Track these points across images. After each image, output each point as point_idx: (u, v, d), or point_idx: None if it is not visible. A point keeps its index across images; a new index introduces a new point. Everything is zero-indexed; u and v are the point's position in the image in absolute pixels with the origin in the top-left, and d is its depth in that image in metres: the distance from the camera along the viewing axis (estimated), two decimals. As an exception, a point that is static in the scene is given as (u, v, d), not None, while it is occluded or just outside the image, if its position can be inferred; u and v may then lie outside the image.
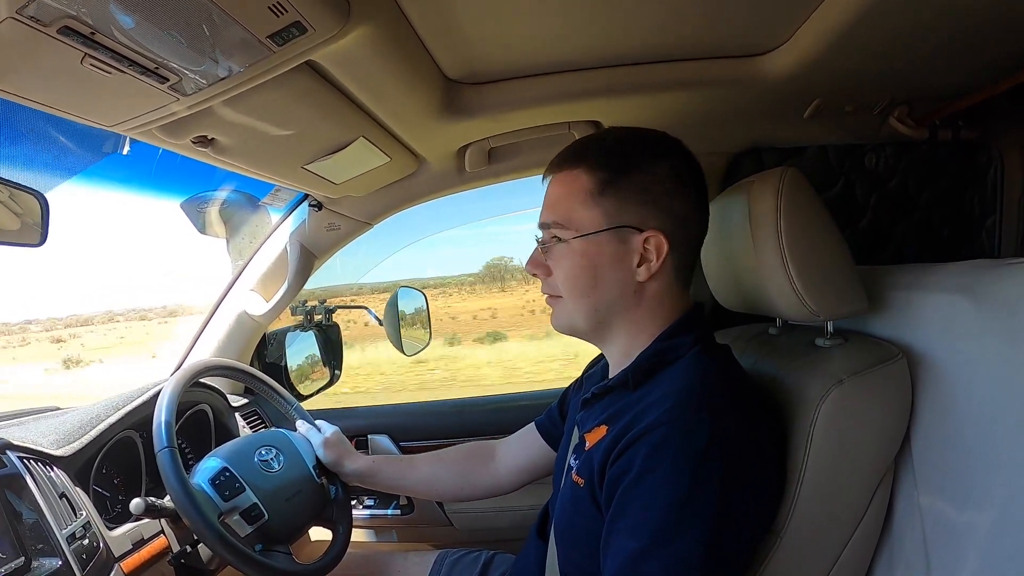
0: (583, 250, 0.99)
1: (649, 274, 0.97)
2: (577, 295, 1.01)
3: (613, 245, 0.98)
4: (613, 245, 0.98)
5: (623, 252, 0.98)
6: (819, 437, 0.97)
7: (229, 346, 1.87)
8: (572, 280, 1.01)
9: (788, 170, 1.06)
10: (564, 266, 1.01)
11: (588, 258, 0.99)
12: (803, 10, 1.09)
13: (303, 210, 1.81)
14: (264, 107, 1.05)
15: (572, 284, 1.01)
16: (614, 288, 0.99)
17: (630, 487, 0.86)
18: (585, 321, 1.03)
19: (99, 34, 0.71)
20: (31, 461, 1.17)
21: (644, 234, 0.96)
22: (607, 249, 0.98)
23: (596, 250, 0.98)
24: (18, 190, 1.13)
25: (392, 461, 1.53)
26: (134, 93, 0.87)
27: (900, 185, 1.82)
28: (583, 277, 1.00)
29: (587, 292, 1.00)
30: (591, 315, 1.02)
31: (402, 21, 0.99)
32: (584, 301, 1.01)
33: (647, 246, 0.97)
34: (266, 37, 0.80)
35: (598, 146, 1.03)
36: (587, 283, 1.00)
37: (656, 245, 0.96)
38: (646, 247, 0.97)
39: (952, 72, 1.36)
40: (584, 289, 1.00)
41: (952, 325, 0.98)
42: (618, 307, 1.01)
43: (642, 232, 0.96)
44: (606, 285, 0.99)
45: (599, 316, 1.02)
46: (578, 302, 1.01)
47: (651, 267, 0.97)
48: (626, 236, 0.97)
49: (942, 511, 0.95)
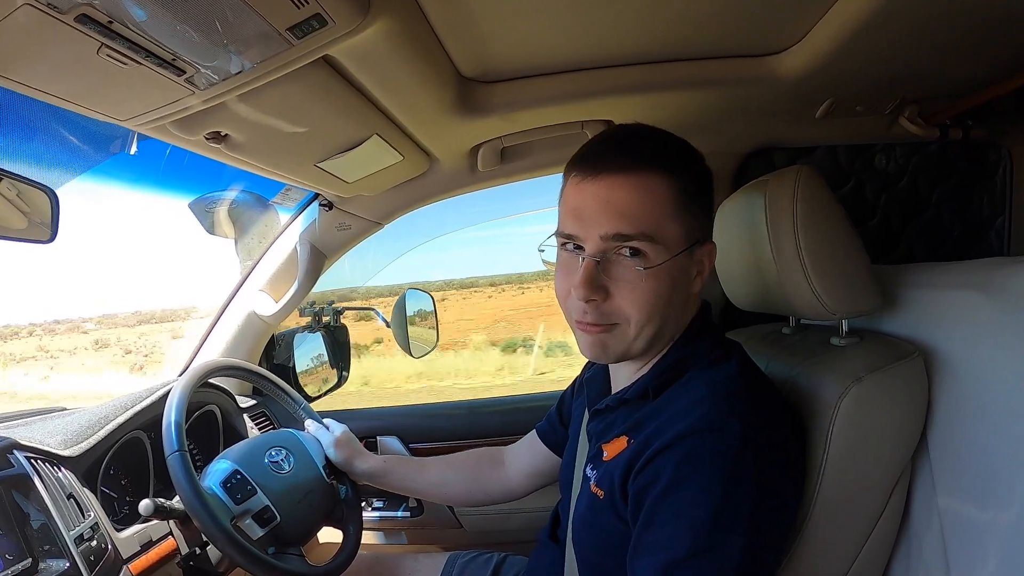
0: (671, 271, 0.88)
1: (702, 284, 0.95)
2: (646, 320, 0.90)
3: (686, 261, 0.91)
4: (686, 261, 0.91)
5: (690, 267, 0.92)
6: (838, 435, 0.96)
7: (238, 347, 1.87)
8: (652, 306, 0.89)
9: (804, 168, 1.06)
10: (646, 289, 0.88)
11: (673, 279, 0.89)
12: (816, 10, 1.08)
13: (313, 210, 1.80)
14: (279, 102, 1.04)
15: (651, 311, 0.89)
16: (678, 305, 0.93)
17: (660, 498, 0.83)
18: (643, 347, 0.93)
19: (116, 23, 0.70)
20: (39, 461, 1.16)
21: (707, 245, 0.93)
22: (684, 266, 0.91)
23: (680, 270, 0.90)
24: (28, 185, 1.12)
25: (403, 462, 1.53)
26: (149, 86, 0.86)
27: (910, 185, 1.83)
28: (662, 301, 0.89)
29: (659, 314, 0.90)
30: (653, 341, 0.93)
31: (419, 17, 0.98)
32: (651, 325, 0.90)
33: (703, 258, 0.94)
34: (286, 30, 0.78)
35: (662, 147, 0.92)
36: (665, 307, 0.90)
37: (709, 254, 0.94)
38: (702, 258, 0.94)
39: (962, 71, 1.35)
40: (659, 312, 0.90)
41: (967, 322, 0.98)
42: (673, 323, 0.95)
43: (704, 244, 0.93)
44: (674, 304, 0.92)
45: (655, 338, 0.93)
46: (648, 328, 0.91)
47: (704, 277, 0.95)
48: (694, 249, 0.92)
49: (960, 510, 0.94)
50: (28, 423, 1.32)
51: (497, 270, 25.15)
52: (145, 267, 46.87)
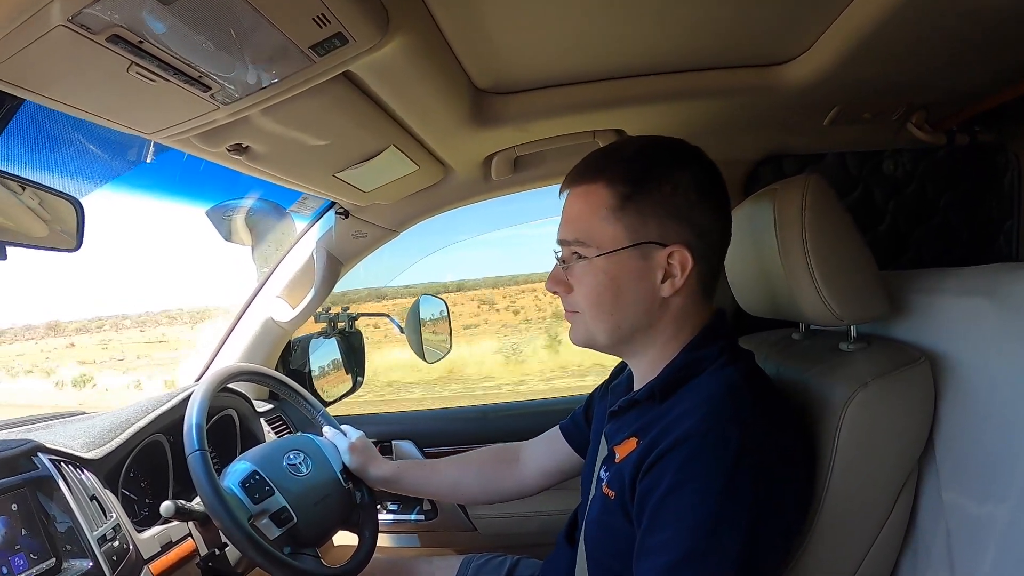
0: (605, 268, 0.96)
1: (674, 289, 0.95)
2: (599, 312, 0.99)
3: (636, 262, 0.95)
4: (636, 262, 0.95)
5: (646, 269, 0.95)
6: (845, 440, 0.97)
7: (255, 352, 1.89)
8: (594, 298, 0.98)
9: (812, 177, 1.07)
10: (586, 284, 0.99)
11: (611, 276, 0.96)
12: (823, 19, 1.10)
13: (329, 218, 1.82)
14: (300, 116, 1.06)
15: (594, 302, 0.99)
16: (638, 305, 0.97)
17: (662, 501, 0.85)
18: (606, 338, 1.01)
19: (147, 43, 0.73)
20: (62, 464, 1.18)
21: (667, 249, 0.94)
22: (630, 266, 0.96)
23: (619, 268, 0.96)
24: (53, 195, 1.14)
25: (416, 466, 1.54)
26: (176, 101, 0.88)
27: (918, 190, 1.82)
28: (606, 295, 0.97)
29: (610, 310, 0.98)
30: (613, 332, 1.00)
31: (436, 32, 1.00)
32: (606, 319, 0.99)
33: (671, 261, 0.95)
34: (308, 48, 0.81)
35: (616, 158, 1.00)
36: (610, 301, 0.97)
37: (680, 260, 0.94)
38: (670, 262, 0.95)
39: (969, 76, 1.35)
40: (607, 307, 0.98)
41: (974, 328, 0.98)
42: (642, 324, 0.99)
43: (665, 247, 0.94)
44: (629, 303, 0.97)
45: (621, 333, 1.00)
46: (599, 319, 0.99)
47: (676, 282, 0.95)
48: (649, 252, 0.95)
49: (965, 509, 0.95)
50: (50, 426, 1.35)
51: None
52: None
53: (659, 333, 1.00)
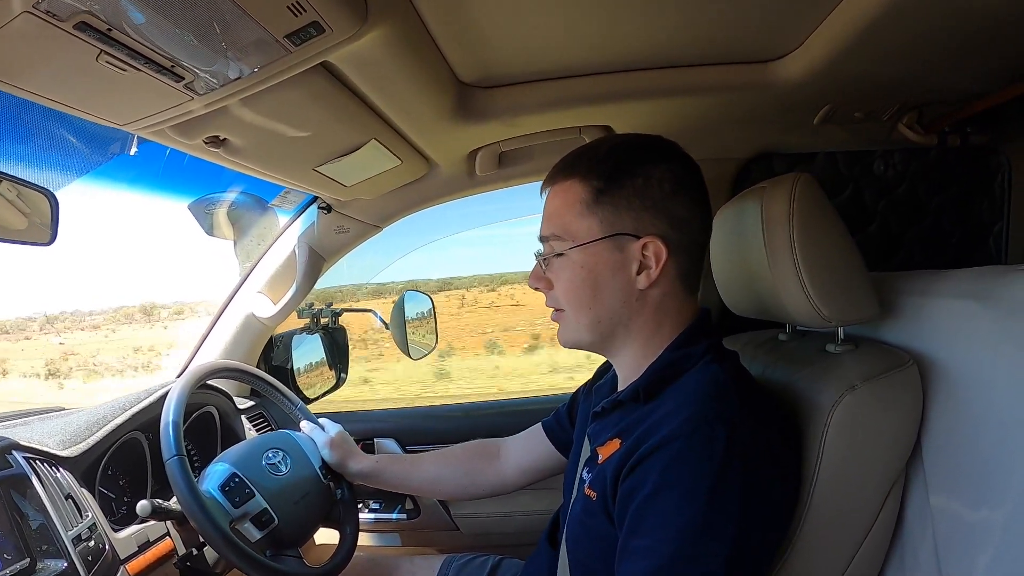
0: (581, 261, 0.98)
1: (650, 281, 0.96)
2: (578, 307, 1.01)
3: (611, 253, 0.97)
4: (611, 253, 0.97)
5: (621, 260, 0.97)
6: (831, 443, 0.96)
7: (236, 348, 1.87)
8: (573, 292, 1.00)
9: (801, 176, 1.05)
10: (564, 278, 1.01)
11: (587, 268, 0.98)
12: (815, 16, 1.09)
13: (312, 212, 1.80)
14: (278, 108, 1.05)
15: (573, 296, 1.01)
16: (615, 297, 0.99)
17: (646, 503, 0.84)
18: (589, 333, 1.02)
19: (115, 31, 0.71)
20: (37, 462, 1.16)
21: (641, 240, 0.95)
22: (605, 258, 0.97)
23: (594, 260, 0.98)
24: (27, 188, 1.12)
25: (396, 460, 1.54)
26: (149, 92, 0.86)
27: (909, 191, 1.83)
28: (583, 288, 0.99)
29: (589, 303, 0.99)
30: (594, 327, 1.01)
31: (417, 23, 0.99)
32: (586, 313, 1.00)
33: (645, 253, 0.96)
34: (283, 37, 0.79)
35: (591, 155, 1.02)
36: (588, 294, 0.99)
37: (655, 251, 0.95)
38: (644, 254, 0.96)
39: (962, 78, 1.36)
40: (585, 300, 1.00)
41: (963, 331, 0.97)
42: (621, 317, 1.00)
43: (639, 239, 0.95)
44: (607, 295, 0.98)
45: (602, 328, 1.01)
46: (580, 314, 1.01)
47: (651, 274, 0.96)
48: (623, 244, 0.96)
49: (954, 513, 0.94)
50: (27, 423, 1.33)
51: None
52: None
53: (640, 328, 1.01)
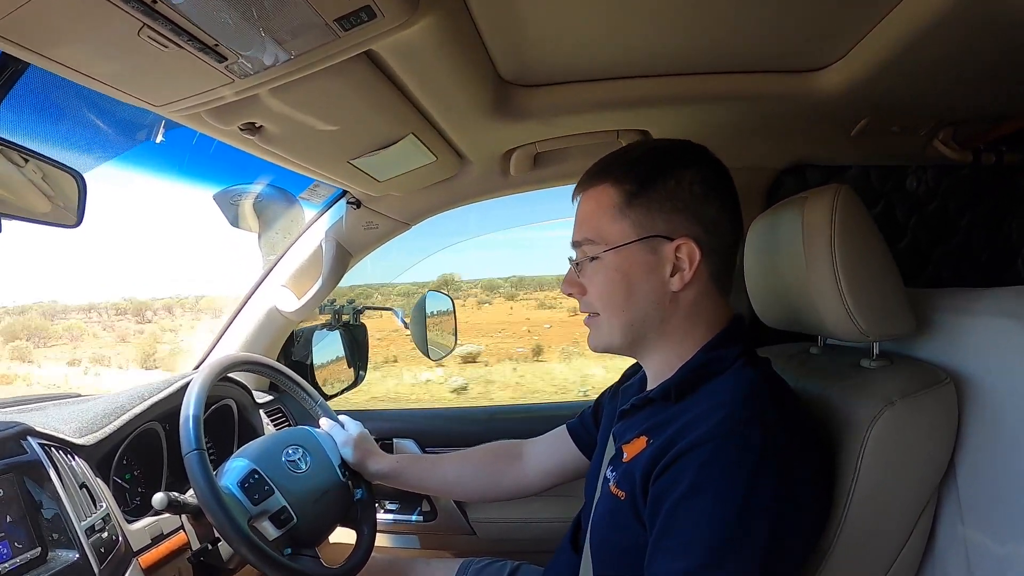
0: (615, 264, 0.98)
1: (683, 283, 0.97)
2: (613, 310, 1.01)
3: (644, 256, 0.97)
4: (644, 256, 0.97)
5: (655, 262, 0.97)
6: (868, 459, 0.95)
7: (257, 341, 1.86)
8: (607, 295, 1.00)
9: (842, 187, 1.04)
10: (598, 282, 1.01)
11: (621, 272, 0.98)
12: (860, 29, 1.08)
13: (340, 207, 1.79)
14: (317, 96, 1.03)
15: (607, 299, 1.01)
16: (649, 299, 0.98)
17: (679, 503, 0.84)
18: (622, 336, 1.02)
19: (160, 3, 0.68)
20: (52, 449, 1.14)
21: (675, 242, 0.96)
22: (639, 260, 0.98)
23: (628, 263, 0.98)
24: (55, 168, 1.11)
25: (416, 461, 1.53)
26: (188, 72, 0.84)
27: (940, 208, 1.82)
28: (618, 291, 0.99)
29: (623, 306, 0.99)
30: (628, 330, 1.01)
31: (465, 15, 0.97)
32: (620, 315, 1.00)
33: (679, 255, 0.96)
34: (334, 20, 0.77)
35: (622, 160, 1.03)
36: (622, 297, 0.99)
37: (688, 253, 0.96)
38: (678, 256, 0.96)
39: (999, 96, 1.35)
40: (620, 303, 0.99)
41: (1000, 350, 0.96)
42: (655, 319, 1.00)
43: (672, 240, 0.96)
44: (640, 297, 0.98)
45: (636, 330, 1.01)
46: (614, 317, 1.01)
47: (684, 276, 0.96)
48: (657, 246, 0.97)
49: (986, 541, 0.93)
50: (44, 408, 1.32)
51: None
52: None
53: (673, 329, 1.01)
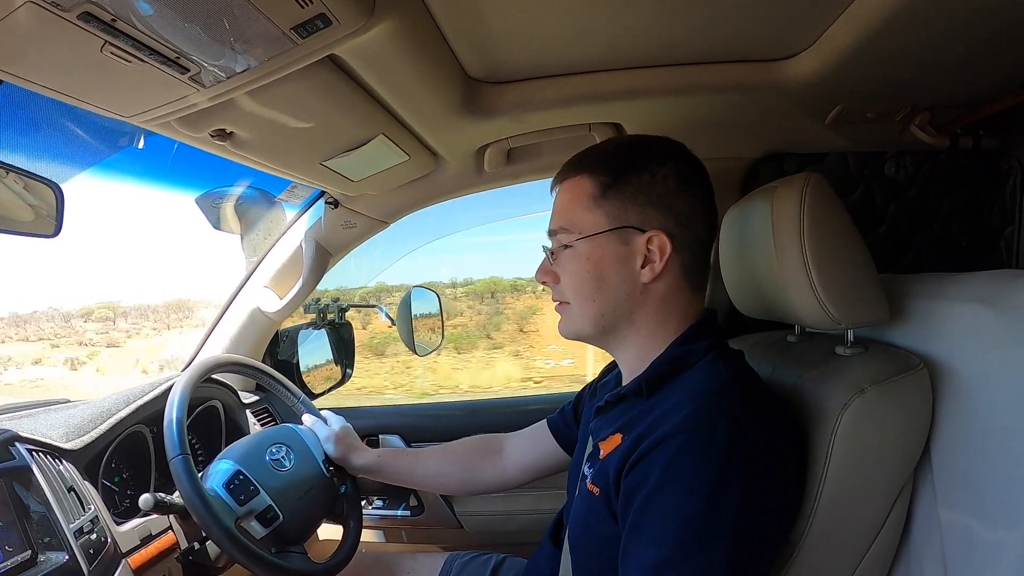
0: (587, 253, 1.00)
1: (653, 275, 0.97)
2: (583, 299, 1.02)
3: (616, 246, 0.98)
4: (616, 246, 0.98)
5: (626, 253, 0.98)
6: (840, 446, 0.95)
7: (241, 342, 1.87)
8: (578, 284, 1.01)
9: (812, 176, 1.04)
10: (570, 270, 1.02)
11: (592, 260, 0.99)
12: (827, 15, 1.08)
13: (319, 207, 1.80)
14: (284, 101, 1.04)
15: (578, 288, 1.02)
16: (620, 290, 0.99)
17: (649, 498, 0.84)
18: (592, 326, 1.03)
19: (120, 21, 0.70)
20: (39, 454, 1.16)
21: (647, 234, 0.96)
22: (610, 250, 0.99)
23: (600, 252, 0.99)
24: (33, 180, 1.12)
25: (398, 455, 1.55)
26: (154, 83, 0.86)
27: (919, 194, 1.81)
28: (589, 280, 1.00)
29: (593, 295, 1.01)
30: (598, 319, 1.02)
31: (425, 17, 0.98)
32: (590, 305, 1.01)
33: (650, 247, 0.97)
34: (290, 29, 0.78)
35: (599, 153, 1.04)
36: (593, 286, 1.00)
37: (659, 245, 0.96)
38: (649, 248, 0.97)
39: (975, 80, 1.34)
40: (590, 292, 1.01)
41: (974, 335, 0.95)
42: (624, 310, 1.01)
43: (644, 232, 0.97)
44: (611, 287, 1.00)
45: (605, 320, 1.02)
46: (584, 306, 1.02)
47: (655, 268, 0.97)
48: (628, 237, 0.98)
49: (963, 526, 0.92)
50: (32, 414, 1.33)
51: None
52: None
53: (643, 322, 1.02)
